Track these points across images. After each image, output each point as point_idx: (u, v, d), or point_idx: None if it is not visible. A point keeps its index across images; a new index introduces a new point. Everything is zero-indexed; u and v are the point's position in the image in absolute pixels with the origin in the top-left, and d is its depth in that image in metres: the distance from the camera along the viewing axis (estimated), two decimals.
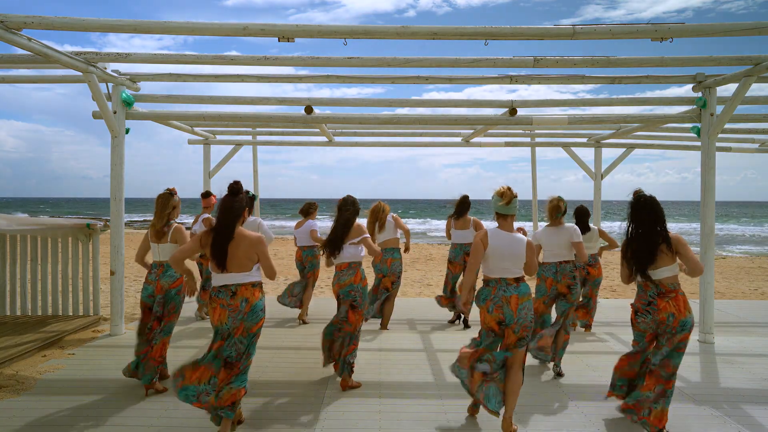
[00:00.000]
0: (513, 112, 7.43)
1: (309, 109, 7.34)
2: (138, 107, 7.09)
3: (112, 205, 6.73)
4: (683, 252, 3.85)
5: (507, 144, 10.86)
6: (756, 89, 7.16)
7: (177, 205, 4.90)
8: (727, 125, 8.55)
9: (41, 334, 6.31)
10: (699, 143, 7.23)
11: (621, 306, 8.76)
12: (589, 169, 10.86)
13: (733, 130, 9.47)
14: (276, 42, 5.44)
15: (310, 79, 7.20)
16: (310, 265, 7.40)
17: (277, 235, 25.31)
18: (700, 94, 6.79)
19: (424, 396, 4.75)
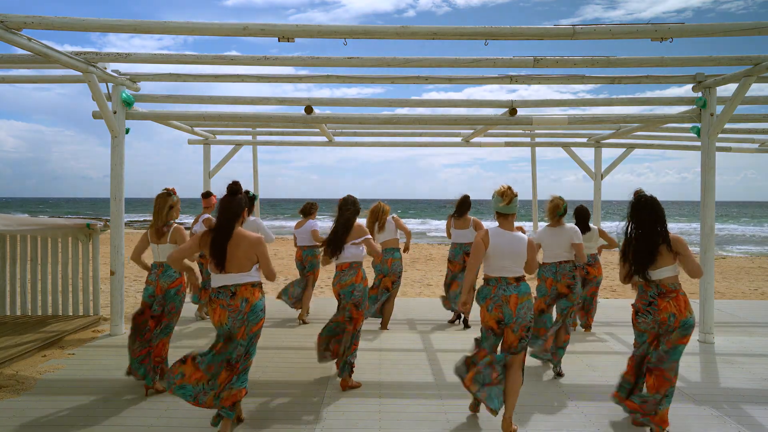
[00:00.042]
0: (513, 112, 7.43)
1: (309, 109, 7.34)
2: (138, 107, 7.09)
3: (112, 205, 6.73)
4: (683, 252, 3.85)
5: (507, 144, 10.86)
6: (756, 89, 7.16)
7: (175, 205, 4.87)
8: (727, 125, 8.55)
9: (41, 334, 6.31)
10: (699, 143, 7.23)
11: (621, 306, 8.75)
12: (589, 169, 10.86)
13: (733, 130, 9.48)
14: (276, 42, 5.45)
15: (310, 79, 7.21)
16: (309, 265, 7.41)
17: (277, 235, 25.30)
18: (700, 94, 6.79)
19: (424, 396, 4.75)
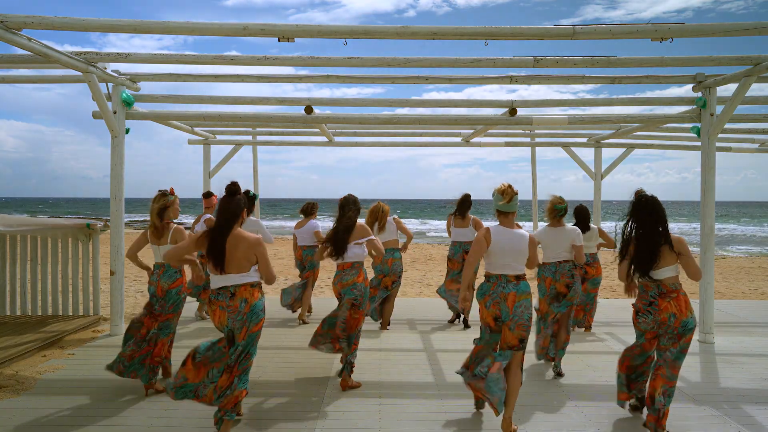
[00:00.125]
0: (513, 112, 7.43)
1: (309, 109, 7.34)
2: (138, 107, 7.09)
3: (112, 205, 6.73)
4: (686, 253, 3.85)
5: (507, 144, 10.86)
6: (756, 89, 7.15)
7: (171, 205, 4.83)
8: (727, 125, 8.55)
9: (41, 334, 6.31)
10: (699, 143, 7.22)
11: (621, 306, 8.75)
12: (589, 169, 10.86)
13: (733, 130, 9.47)
14: (276, 42, 5.45)
15: (310, 79, 7.21)
16: (310, 265, 7.41)
17: (277, 236, 25.29)
18: (700, 94, 6.79)
19: (424, 396, 4.75)
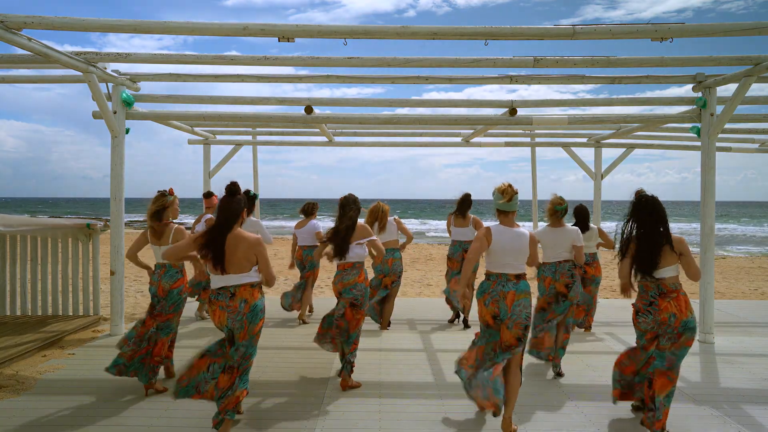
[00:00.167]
0: (513, 112, 7.43)
1: (309, 109, 7.34)
2: (138, 107, 7.08)
3: (112, 205, 6.73)
4: (686, 253, 3.86)
5: (507, 144, 10.86)
6: (756, 89, 7.16)
7: (170, 205, 4.84)
8: (727, 125, 8.55)
9: (41, 334, 6.31)
10: (699, 143, 7.22)
11: (621, 306, 8.75)
12: (589, 169, 10.85)
13: (733, 130, 9.47)
14: (276, 42, 5.44)
15: (310, 79, 7.21)
16: (310, 264, 7.40)
17: (277, 236, 25.29)
18: (700, 94, 6.79)
19: (424, 396, 4.75)
